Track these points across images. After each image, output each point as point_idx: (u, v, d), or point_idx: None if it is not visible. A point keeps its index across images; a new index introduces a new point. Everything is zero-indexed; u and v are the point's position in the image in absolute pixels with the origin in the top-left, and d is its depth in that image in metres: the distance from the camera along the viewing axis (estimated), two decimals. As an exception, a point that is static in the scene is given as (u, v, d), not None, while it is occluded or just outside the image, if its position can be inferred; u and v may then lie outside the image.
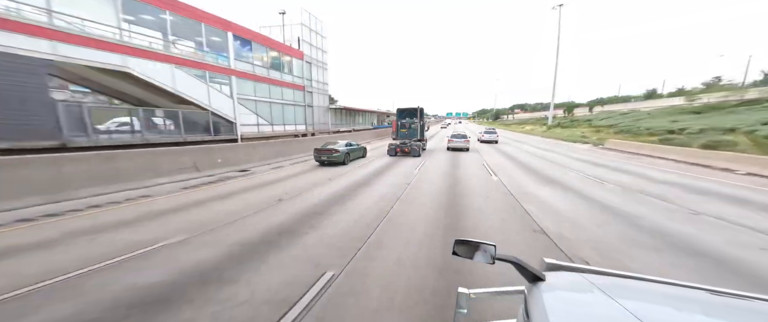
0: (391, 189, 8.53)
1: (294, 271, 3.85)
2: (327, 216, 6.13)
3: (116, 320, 2.91)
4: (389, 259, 4.18)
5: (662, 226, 5.51)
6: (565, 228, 5.40)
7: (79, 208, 6.65)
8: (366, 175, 10.92)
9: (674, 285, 1.21)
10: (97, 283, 3.56)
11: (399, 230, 5.31)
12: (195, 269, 3.89)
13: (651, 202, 7.20)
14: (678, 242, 4.79)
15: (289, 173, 11.52)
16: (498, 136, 25.75)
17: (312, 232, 5.23)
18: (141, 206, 6.92)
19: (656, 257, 4.29)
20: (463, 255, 1.44)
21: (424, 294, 3.35)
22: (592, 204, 7.02)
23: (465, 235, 4.77)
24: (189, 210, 6.63)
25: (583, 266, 1.35)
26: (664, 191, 8.26)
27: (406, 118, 18.30)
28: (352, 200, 7.41)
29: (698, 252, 4.42)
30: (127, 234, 5.13)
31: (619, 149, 19.05)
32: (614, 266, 3.83)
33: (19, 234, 5.17)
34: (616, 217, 6.09)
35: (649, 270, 3.80)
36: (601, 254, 4.36)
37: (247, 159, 13.07)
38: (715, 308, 1.07)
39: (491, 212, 6.37)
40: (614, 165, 13.15)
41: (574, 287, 1.22)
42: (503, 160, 15.05)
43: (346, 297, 3.29)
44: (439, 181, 9.72)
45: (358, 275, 3.75)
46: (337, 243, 4.71)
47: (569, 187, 8.85)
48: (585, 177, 10.44)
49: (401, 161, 14.68)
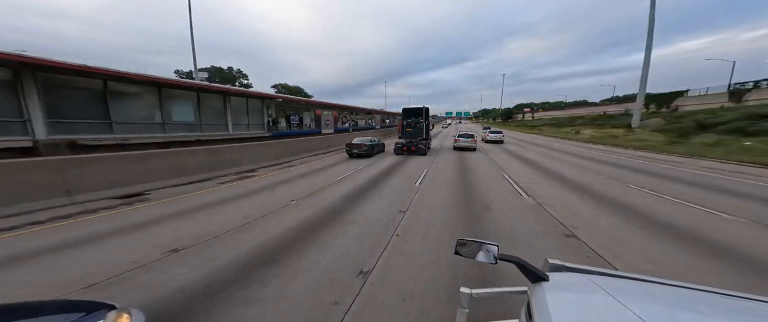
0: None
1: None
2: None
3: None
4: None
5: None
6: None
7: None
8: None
9: (678, 286, 1.22)
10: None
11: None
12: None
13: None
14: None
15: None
16: (503, 136, 25.86)
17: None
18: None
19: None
20: (466, 255, 1.49)
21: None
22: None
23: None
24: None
25: (587, 267, 1.38)
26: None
27: (412, 118, 18.49)
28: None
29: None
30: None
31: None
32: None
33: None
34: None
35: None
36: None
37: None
38: (717, 309, 1.07)
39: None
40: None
41: (578, 288, 1.23)
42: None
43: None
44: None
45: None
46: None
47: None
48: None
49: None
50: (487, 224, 5.72)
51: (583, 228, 5.44)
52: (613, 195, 7.85)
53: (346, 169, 12.60)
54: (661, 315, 1.00)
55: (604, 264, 4.04)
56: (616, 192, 8.17)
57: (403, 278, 3.69)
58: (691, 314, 1.05)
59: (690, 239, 4.86)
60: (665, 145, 18.82)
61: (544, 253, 4.38)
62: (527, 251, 4.46)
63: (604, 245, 4.68)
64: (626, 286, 1.22)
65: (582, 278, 1.30)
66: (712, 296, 1.15)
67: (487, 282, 3.60)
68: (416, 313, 3.01)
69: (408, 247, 4.67)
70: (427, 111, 18.57)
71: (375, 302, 3.21)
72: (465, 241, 1.51)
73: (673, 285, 1.23)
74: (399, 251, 4.51)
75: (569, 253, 4.42)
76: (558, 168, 12.44)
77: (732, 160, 13.37)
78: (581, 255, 4.37)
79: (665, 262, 4.12)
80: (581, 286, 1.24)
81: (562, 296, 1.14)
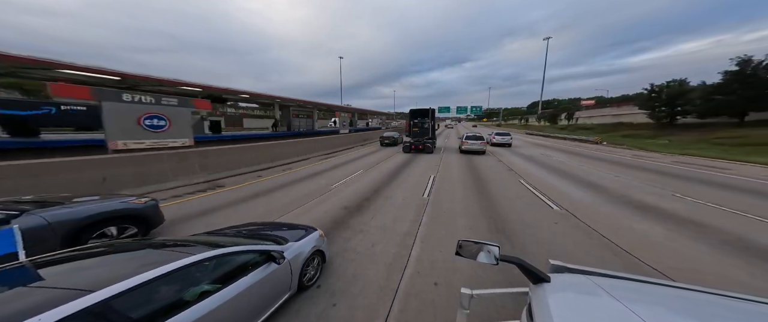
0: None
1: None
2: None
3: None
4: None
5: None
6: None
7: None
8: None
9: (679, 288, 1.23)
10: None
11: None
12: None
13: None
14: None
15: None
16: (511, 139, 23.25)
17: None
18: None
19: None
20: (467, 256, 1.48)
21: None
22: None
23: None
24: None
25: (588, 268, 1.38)
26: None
27: (418, 118, 19.41)
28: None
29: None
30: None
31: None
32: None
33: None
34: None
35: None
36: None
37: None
38: (717, 311, 1.08)
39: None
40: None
41: (579, 289, 1.23)
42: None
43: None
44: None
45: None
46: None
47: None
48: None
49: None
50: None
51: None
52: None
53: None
54: (662, 316, 1.01)
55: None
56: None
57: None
58: (692, 314, 1.05)
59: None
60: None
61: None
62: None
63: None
64: (628, 287, 1.23)
65: (584, 279, 1.30)
66: (713, 297, 1.16)
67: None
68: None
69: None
70: (433, 112, 19.80)
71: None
72: (465, 242, 1.54)
73: (674, 287, 1.24)
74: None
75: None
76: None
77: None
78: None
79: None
80: (583, 287, 1.24)
81: (563, 297, 1.15)
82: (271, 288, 2.63)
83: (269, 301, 2.61)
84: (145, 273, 1.76)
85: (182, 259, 2.01)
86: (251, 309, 2.36)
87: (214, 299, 2.02)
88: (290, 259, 2.91)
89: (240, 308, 2.22)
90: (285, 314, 2.86)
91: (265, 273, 2.53)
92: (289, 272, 2.88)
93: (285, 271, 2.82)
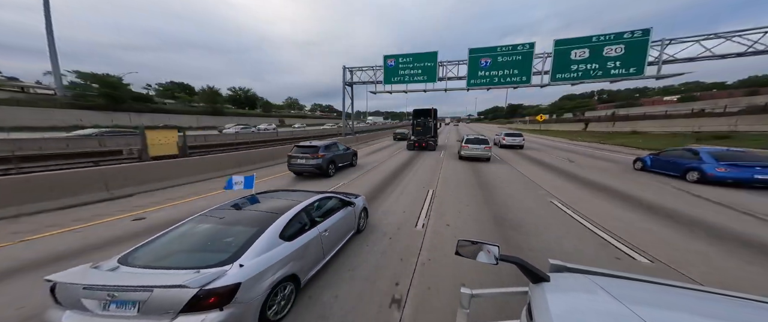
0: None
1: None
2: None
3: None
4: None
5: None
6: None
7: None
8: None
9: (678, 287, 1.23)
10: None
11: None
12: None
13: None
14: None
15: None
16: (523, 141, 21.23)
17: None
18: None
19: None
20: (467, 255, 1.48)
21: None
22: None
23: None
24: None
25: (588, 268, 1.37)
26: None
27: (421, 117, 20.07)
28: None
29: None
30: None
31: None
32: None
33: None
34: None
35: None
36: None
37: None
38: (718, 309, 1.08)
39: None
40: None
41: (579, 288, 1.23)
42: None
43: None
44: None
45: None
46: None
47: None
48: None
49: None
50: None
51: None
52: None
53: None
54: (661, 315, 1.00)
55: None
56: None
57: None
58: (692, 314, 1.04)
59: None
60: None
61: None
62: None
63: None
64: (627, 286, 1.23)
65: (583, 278, 1.29)
66: (713, 297, 1.16)
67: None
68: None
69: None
70: (435, 112, 20.63)
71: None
72: (466, 241, 1.54)
73: (674, 286, 1.24)
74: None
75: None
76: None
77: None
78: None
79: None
80: (582, 287, 1.24)
81: (562, 296, 1.15)
82: (348, 223, 4.38)
83: (346, 231, 4.35)
84: (301, 203, 3.58)
85: (312, 197, 3.86)
86: (340, 233, 4.09)
87: (328, 221, 3.78)
88: (356, 208, 4.68)
89: (338, 229, 3.97)
90: (353, 242, 4.57)
91: (345, 213, 4.31)
92: (354, 217, 4.62)
93: (353, 215, 4.58)
